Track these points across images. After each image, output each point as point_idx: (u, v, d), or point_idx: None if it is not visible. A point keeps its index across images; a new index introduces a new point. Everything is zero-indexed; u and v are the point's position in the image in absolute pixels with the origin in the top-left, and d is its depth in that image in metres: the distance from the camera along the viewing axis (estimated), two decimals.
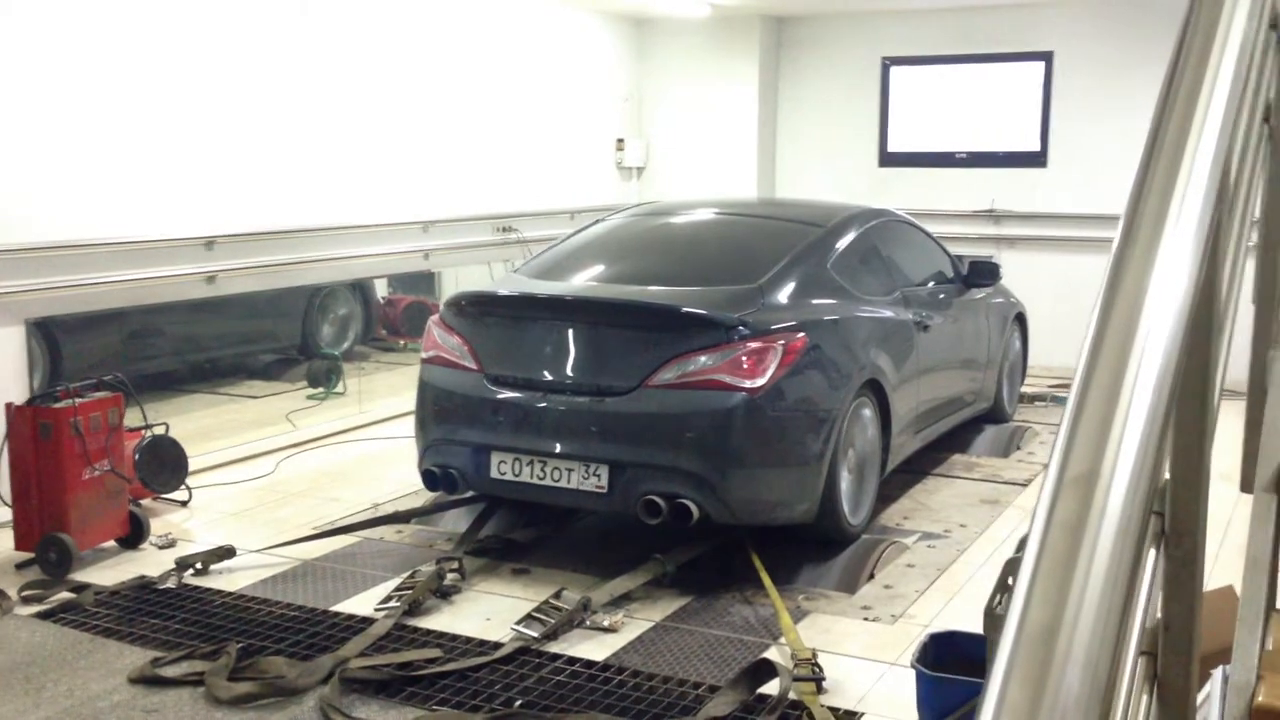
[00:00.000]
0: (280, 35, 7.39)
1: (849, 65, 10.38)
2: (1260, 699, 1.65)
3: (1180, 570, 1.28)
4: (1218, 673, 2.27)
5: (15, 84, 5.88)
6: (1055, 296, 8.93)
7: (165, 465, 5.78)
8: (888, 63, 10.22)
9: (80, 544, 5.06)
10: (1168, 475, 1.28)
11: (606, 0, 9.60)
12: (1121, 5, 9.20)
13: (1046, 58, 9.64)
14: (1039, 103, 9.71)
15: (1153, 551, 1.24)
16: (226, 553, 5.13)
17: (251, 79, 7.21)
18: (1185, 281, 0.99)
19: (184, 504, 5.96)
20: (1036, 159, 9.76)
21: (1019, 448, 7.18)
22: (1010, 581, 3.32)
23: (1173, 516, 1.27)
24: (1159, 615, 1.33)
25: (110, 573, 5.05)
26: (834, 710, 3.80)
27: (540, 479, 5.00)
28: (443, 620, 4.55)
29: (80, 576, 4.98)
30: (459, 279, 8.80)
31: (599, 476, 4.90)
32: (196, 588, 4.87)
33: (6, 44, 5.84)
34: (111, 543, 5.32)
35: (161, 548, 5.36)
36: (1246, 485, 1.93)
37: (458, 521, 5.69)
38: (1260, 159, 1.99)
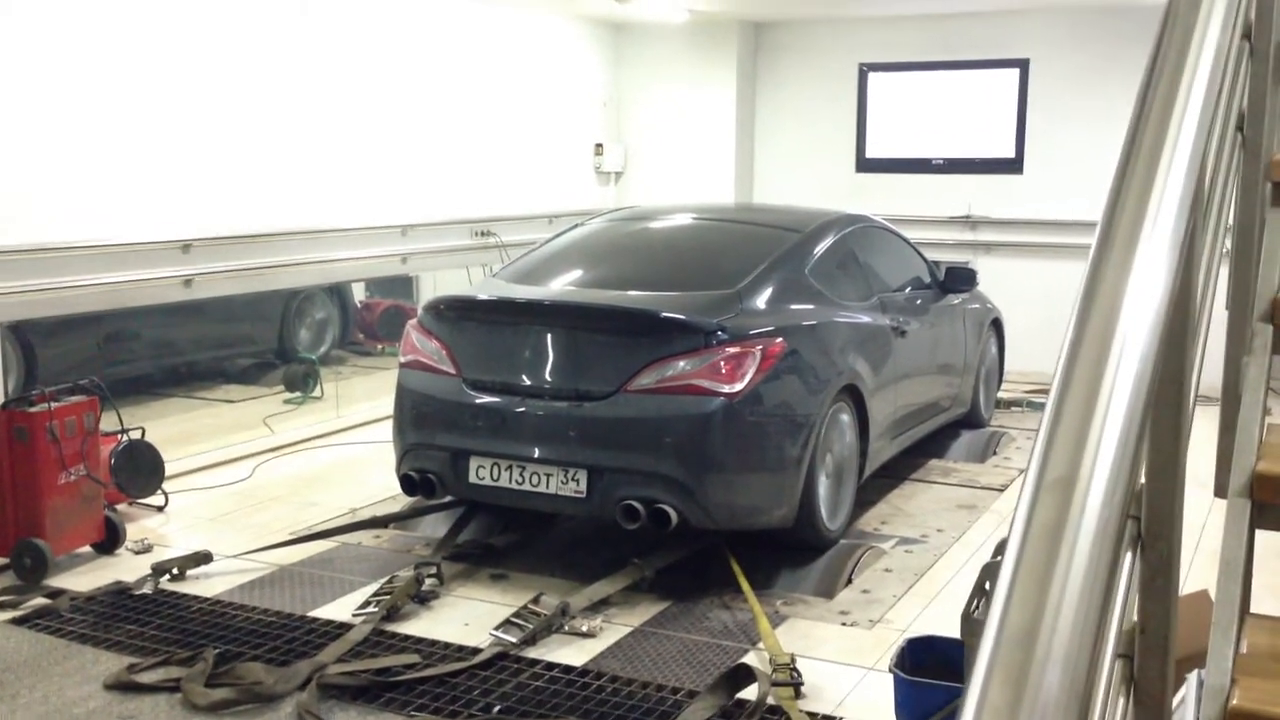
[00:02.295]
0: (259, 39, 7.37)
1: (827, 71, 10.42)
2: (1235, 702, 1.66)
3: (1156, 573, 1.30)
4: (1193, 676, 2.29)
5: None
6: (1031, 302, 8.98)
7: (141, 470, 5.75)
8: (865, 69, 10.27)
9: (55, 549, 5.02)
10: (1143, 480, 1.29)
11: (584, 5, 9.61)
12: (1097, 13, 9.27)
13: (1022, 65, 9.70)
14: (1014, 109, 9.77)
15: (1129, 555, 1.26)
16: (203, 558, 5.10)
17: (229, 82, 7.18)
18: (1161, 288, 1.00)
19: (160, 509, 5.92)
20: (1012, 165, 9.82)
21: (995, 453, 7.22)
22: (987, 586, 3.35)
23: (1148, 520, 1.28)
24: (1135, 618, 1.34)
25: (86, 578, 5.02)
26: (812, 715, 3.81)
27: (519, 484, 5.00)
28: (421, 625, 4.54)
29: (55, 582, 4.95)
30: (437, 283, 8.79)
31: (577, 481, 4.90)
32: (173, 593, 4.85)
33: None
34: (87, 548, 5.28)
35: (138, 553, 5.33)
36: (1221, 490, 1.95)
37: (436, 526, 5.68)
38: (1234, 167, 2.02)
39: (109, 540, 5.31)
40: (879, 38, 10.18)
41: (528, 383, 5.08)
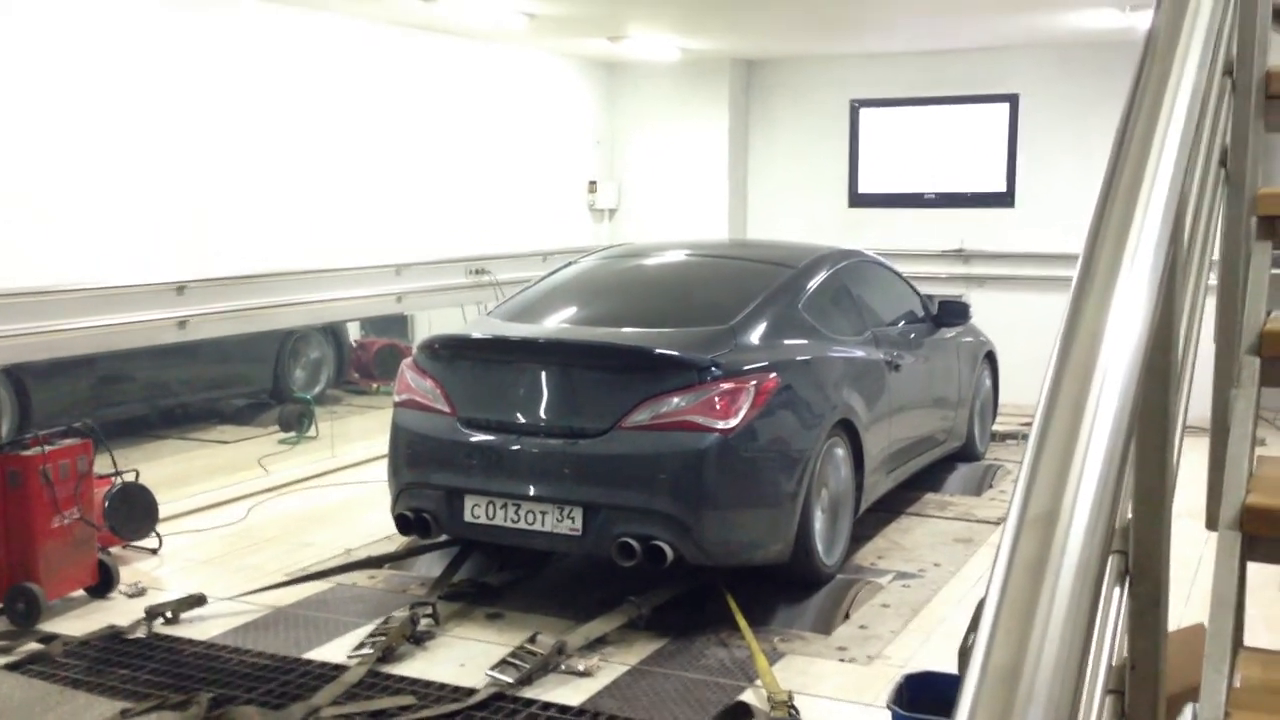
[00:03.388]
0: (251, 81, 7.41)
1: (818, 107, 10.49)
2: None
3: (1144, 609, 1.29)
4: (1188, 710, 2.28)
5: None
6: (1025, 335, 8.96)
7: (135, 512, 5.72)
8: (857, 105, 10.34)
9: (49, 593, 5.00)
10: (1130, 515, 1.29)
11: (578, 45, 9.68)
12: (1084, 49, 9.36)
13: (1012, 100, 9.78)
14: (1005, 144, 9.84)
15: (1117, 590, 1.25)
16: (197, 601, 5.08)
17: (222, 123, 7.22)
18: (1141, 323, 1.01)
19: (154, 552, 5.90)
20: (1004, 199, 9.88)
21: (991, 486, 7.22)
22: None
23: (1136, 555, 1.28)
24: (1125, 654, 1.34)
25: (79, 622, 4.99)
26: None
27: (514, 522, 4.99)
28: (416, 666, 4.52)
29: (49, 627, 4.92)
30: (432, 322, 8.80)
31: (573, 519, 4.89)
32: (167, 637, 4.82)
33: None
34: (80, 592, 5.25)
35: (131, 596, 5.30)
36: (1212, 523, 1.95)
37: (431, 566, 5.66)
38: (1218, 201, 2.03)
39: (102, 584, 5.28)
40: (870, 74, 10.26)
41: (522, 421, 5.07)
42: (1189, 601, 4.72)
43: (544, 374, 5.11)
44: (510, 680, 4.29)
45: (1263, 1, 2.19)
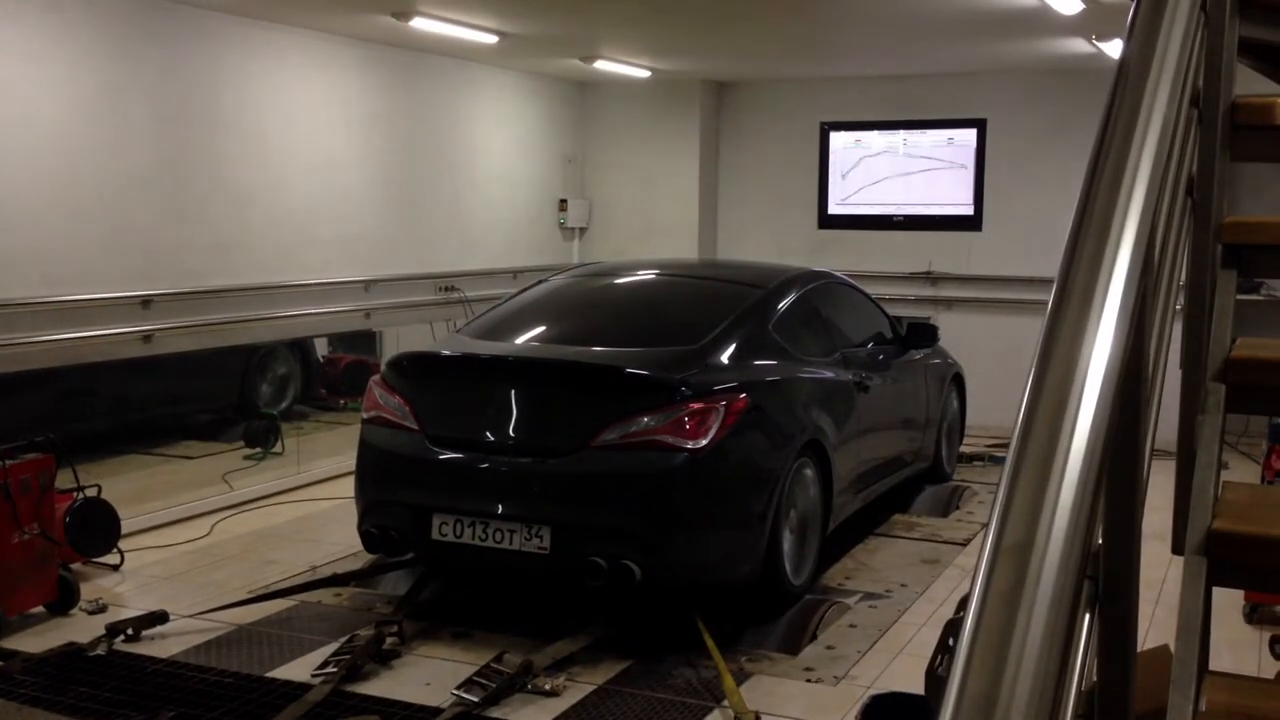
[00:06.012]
0: (219, 93, 7.37)
1: (789, 129, 10.56)
2: None
3: (1114, 633, 1.30)
4: None
5: None
6: (992, 357, 9.07)
7: (97, 528, 5.65)
8: (826, 127, 10.41)
9: (8, 610, 4.93)
10: (1100, 540, 1.30)
11: (549, 63, 9.70)
12: (1052, 76, 9.46)
13: (980, 124, 9.87)
14: (973, 168, 9.93)
15: (1087, 615, 1.26)
16: (159, 618, 5.02)
17: (188, 134, 7.17)
18: (1113, 353, 1.02)
19: (116, 568, 5.83)
20: (971, 222, 9.96)
21: (958, 507, 7.26)
22: (951, 643, 3.35)
23: (1106, 580, 1.29)
24: (1094, 678, 1.35)
25: (38, 639, 4.92)
26: None
27: (482, 540, 4.97)
28: (382, 685, 4.48)
29: (7, 643, 4.85)
30: (400, 338, 8.76)
31: (541, 538, 4.88)
32: (128, 654, 4.76)
33: None
34: (40, 608, 5.19)
35: (92, 613, 5.23)
36: (1177, 547, 1.97)
37: (398, 584, 5.63)
38: (1185, 230, 2.06)
39: (63, 600, 5.22)
40: (839, 97, 10.34)
41: (491, 439, 5.06)
42: (1154, 622, 4.76)
43: (513, 392, 5.10)
44: (476, 700, 4.27)
45: (1229, 33, 2.22)
